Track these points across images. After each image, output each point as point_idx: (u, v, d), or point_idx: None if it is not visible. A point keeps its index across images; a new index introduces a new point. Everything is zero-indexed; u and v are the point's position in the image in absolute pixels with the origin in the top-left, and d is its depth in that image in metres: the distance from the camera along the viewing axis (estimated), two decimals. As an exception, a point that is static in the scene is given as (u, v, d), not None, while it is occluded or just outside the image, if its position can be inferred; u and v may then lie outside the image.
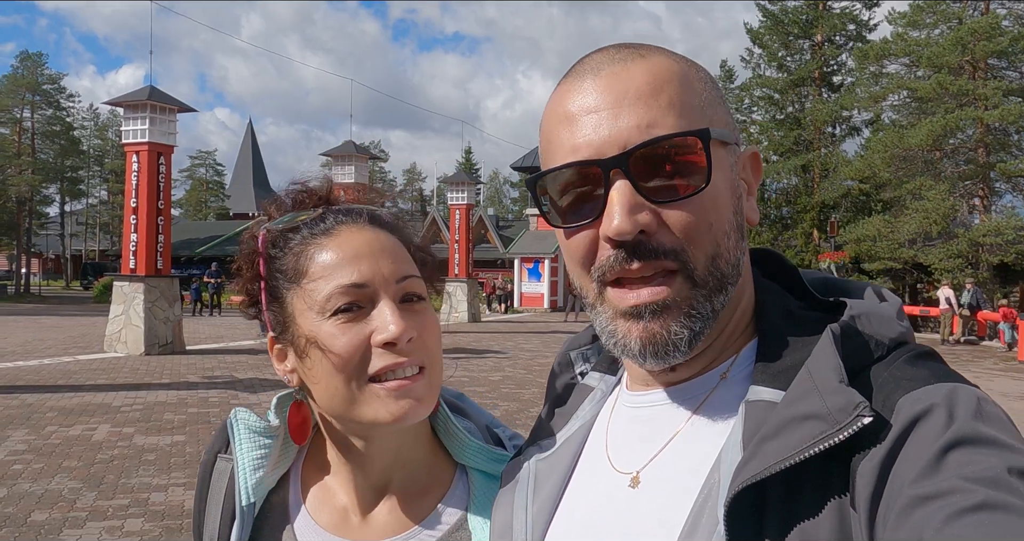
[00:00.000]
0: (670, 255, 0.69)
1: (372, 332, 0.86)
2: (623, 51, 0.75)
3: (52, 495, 5.98)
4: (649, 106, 0.70)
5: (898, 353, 0.70)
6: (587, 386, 0.91)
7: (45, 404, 9.60)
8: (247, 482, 0.95)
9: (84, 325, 22.10)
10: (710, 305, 0.71)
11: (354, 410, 0.88)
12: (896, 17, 27.48)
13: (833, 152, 33.11)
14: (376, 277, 0.88)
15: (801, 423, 0.63)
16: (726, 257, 0.71)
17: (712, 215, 0.70)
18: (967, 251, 23.80)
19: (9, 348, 15.96)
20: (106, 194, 64.03)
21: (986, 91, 24.07)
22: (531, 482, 0.84)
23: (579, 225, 0.72)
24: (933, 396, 0.62)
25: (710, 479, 0.69)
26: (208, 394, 10.57)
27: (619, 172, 0.68)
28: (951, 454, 0.57)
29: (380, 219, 0.95)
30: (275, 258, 0.92)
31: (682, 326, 0.70)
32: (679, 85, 0.72)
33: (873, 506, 0.59)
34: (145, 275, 15.06)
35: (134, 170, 15.43)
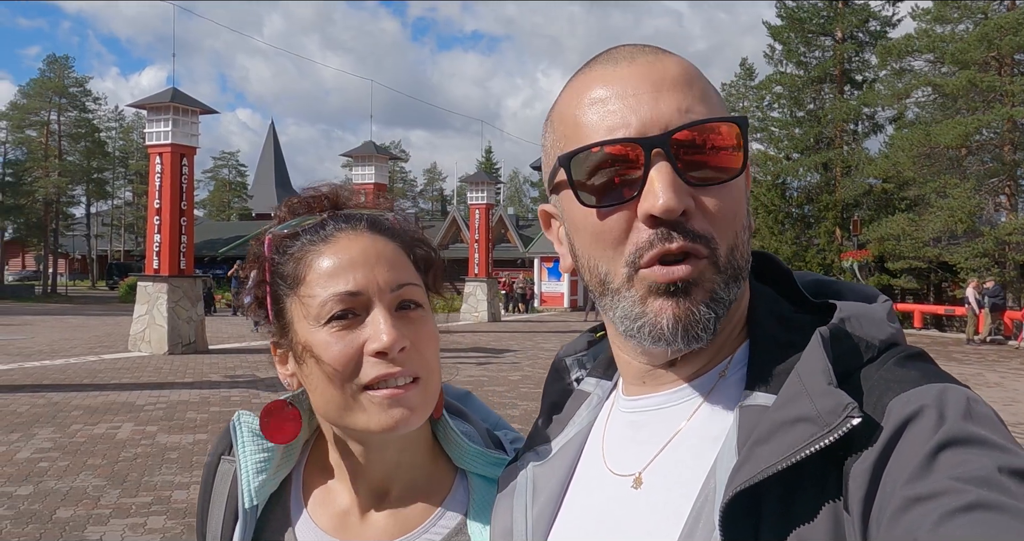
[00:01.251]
0: (701, 240, 0.69)
1: (365, 341, 0.86)
2: (651, 47, 0.76)
3: (77, 492, 6.06)
4: (685, 94, 0.71)
5: (888, 354, 0.69)
6: (583, 392, 0.90)
7: (71, 403, 9.75)
8: (250, 485, 0.96)
9: (109, 325, 22.39)
10: (728, 293, 0.71)
11: (347, 417, 0.88)
12: (920, 13, 27.17)
13: (855, 149, 32.78)
14: (371, 285, 0.88)
15: (792, 426, 0.63)
16: (742, 250, 0.72)
17: (738, 205, 0.72)
18: (993, 250, 23.48)
19: (36, 347, 16.21)
20: (131, 195, 64.87)
21: (1013, 88, 23.73)
22: (530, 487, 0.84)
23: (614, 205, 0.71)
24: (923, 397, 0.62)
25: (707, 484, 0.69)
26: (230, 393, 10.68)
27: (661, 152, 0.68)
28: (942, 455, 0.57)
29: (381, 225, 0.95)
30: (278, 263, 0.93)
31: (708, 308, 0.70)
32: (705, 82, 0.74)
33: (866, 508, 0.59)
34: (168, 275, 15.23)
35: (157, 171, 15.61)
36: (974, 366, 15.96)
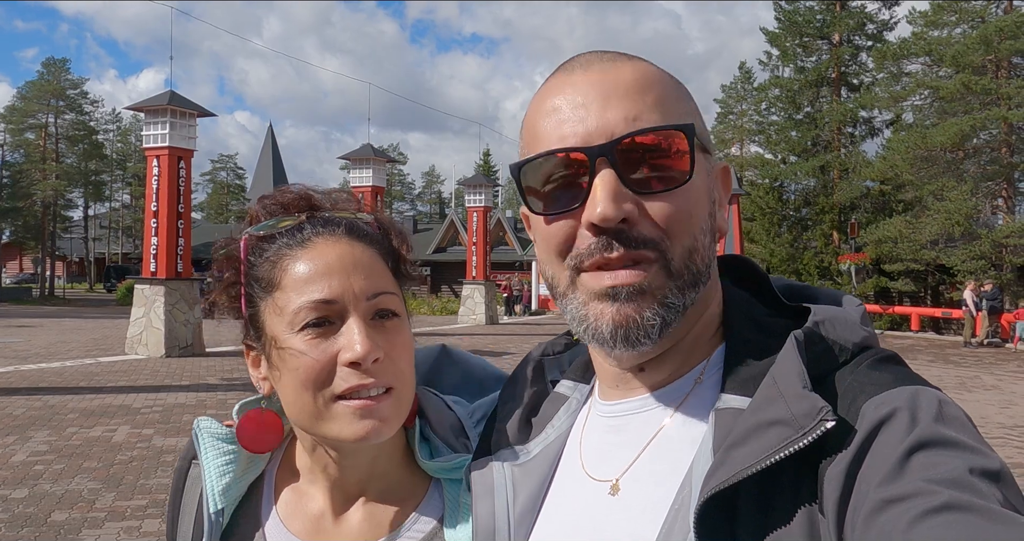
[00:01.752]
0: (649, 244, 0.69)
1: (339, 350, 0.85)
2: (611, 53, 0.76)
3: (72, 495, 6.05)
4: (636, 101, 0.71)
5: (862, 357, 0.70)
6: (561, 395, 0.90)
7: (67, 405, 9.73)
8: (214, 488, 0.95)
9: (106, 327, 22.36)
10: (683, 297, 0.71)
11: (319, 426, 0.87)
12: (916, 16, 27.24)
13: (852, 152, 32.84)
14: (347, 293, 0.86)
15: (767, 429, 0.63)
16: (701, 253, 0.72)
17: (692, 210, 0.71)
18: (990, 252, 23.52)
19: (33, 350, 16.19)
20: (129, 198, 64.78)
21: (1009, 90, 23.80)
22: (510, 488, 0.84)
23: (560, 212, 0.72)
24: (896, 400, 0.62)
25: (683, 487, 0.69)
26: (227, 396, 10.65)
27: (605, 161, 0.69)
28: (915, 457, 0.58)
29: (359, 230, 0.93)
30: (253, 265, 0.92)
31: (655, 313, 0.70)
32: (664, 87, 0.74)
33: (841, 510, 0.60)
34: (165, 278, 15.22)
35: (155, 174, 15.60)
36: (971, 369, 15.97)
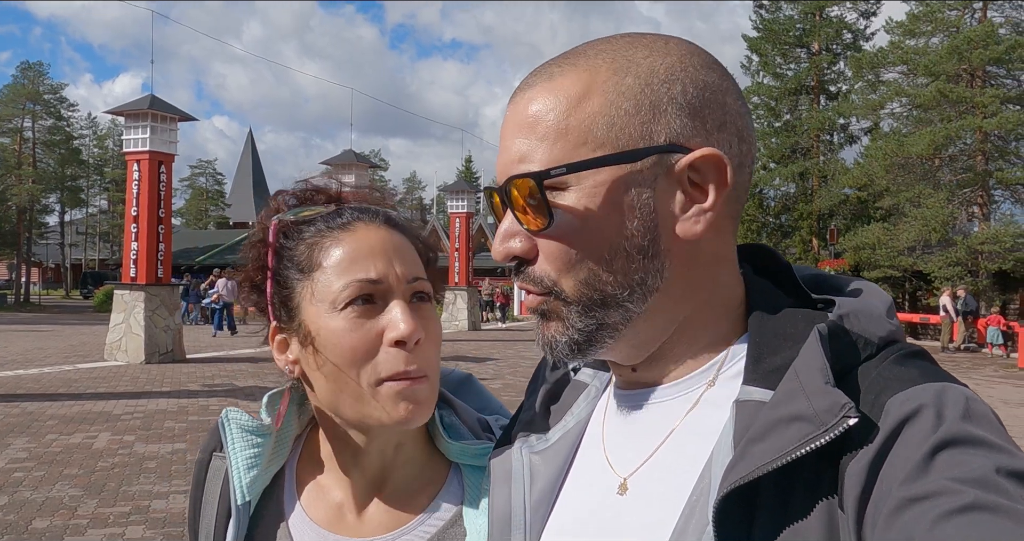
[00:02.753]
0: (537, 283, 0.74)
1: (383, 329, 0.87)
2: (541, 72, 0.75)
3: (53, 503, 5.97)
4: (527, 138, 0.72)
5: (887, 352, 0.69)
6: (581, 382, 0.90)
7: (46, 412, 9.59)
8: (241, 481, 0.96)
9: (84, 334, 22.09)
10: (592, 319, 0.73)
11: (359, 407, 0.88)
12: (893, 26, 27.58)
13: (831, 160, 33.13)
14: (390, 274, 0.89)
15: (788, 425, 0.62)
16: (605, 279, 0.71)
17: (579, 245, 0.71)
18: (966, 259, 23.81)
19: (9, 357, 15.95)
20: (106, 203, 64.05)
21: (984, 99, 24.15)
22: (527, 474, 0.84)
23: None
24: (922, 397, 0.61)
25: (701, 480, 0.68)
26: (208, 402, 10.55)
27: (500, 204, 0.74)
28: (940, 455, 0.57)
29: (394, 220, 0.96)
30: (286, 248, 0.93)
31: (560, 333, 0.74)
32: (557, 115, 0.71)
33: (861, 507, 0.59)
34: (146, 284, 15.07)
35: (135, 179, 15.45)
36: (949, 373, 16.12)
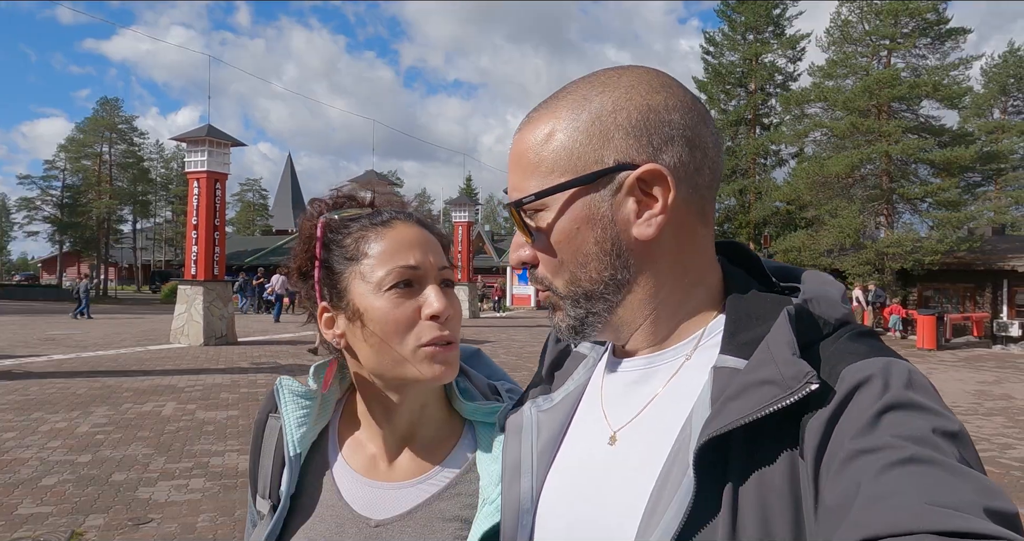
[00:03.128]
0: (540, 283, 0.77)
1: (420, 307, 0.89)
2: (526, 118, 0.77)
3: (129, 460, 5.93)
4: (516, 170, 0.75)
5: (842, 331, 0.69)
6: (580, 354, 0.90)
7: (122, 386, 9.54)
8: (293, 436, 0.96)
9: (153, 322, 21.95)
10: (582, 309, 0.75)
11: (399, 369, 0.89)
12: (815, 69, 27.65)
13: (765, 179, 33.27)
14: (426, 262, 0.90)
15: (759, 387, 0.62)
16: (587, 277, 0.73)
17: (559, 253, 0.74)
18: (874, 259, 23.90)
19: (91, 340, 15.85)
20: (171, 214, 63.55)
21: (889, 129, 24.22)
22: (535, 429, 0.84)
23: None
24: (872, 368, 0.61)
25: (683, 433, 0.68)
26: (256, 377, 10.52)
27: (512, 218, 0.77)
28: (886, 416, 0.57)
29: (422, 220, 0.97)
30: (333, 241, 0.93)
31: (561, 320, 0.77)
32: (530, 154, 0.73)
33: (818, 457, 0.59)
34: (204, 280, 14.98)
35: (195, 194, 15.36)
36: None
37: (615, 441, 0.75)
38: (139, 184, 52.64)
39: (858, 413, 0.58)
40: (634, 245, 0.72)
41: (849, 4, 26.65)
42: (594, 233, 0.72)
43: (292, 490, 0.95)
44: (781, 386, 0.61)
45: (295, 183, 67.79)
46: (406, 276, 0.88)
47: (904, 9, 24.65)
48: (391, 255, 0.89)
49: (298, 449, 0.95)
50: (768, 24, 33.60)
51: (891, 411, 0.57)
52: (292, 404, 0.97)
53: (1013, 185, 40.29)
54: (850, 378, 0.61)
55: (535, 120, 0.75)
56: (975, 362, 15.68)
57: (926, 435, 0.54)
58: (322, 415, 1.00)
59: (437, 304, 0.88)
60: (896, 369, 0.61)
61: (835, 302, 0.71)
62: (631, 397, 0.77)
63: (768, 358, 0.64)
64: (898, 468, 0.52)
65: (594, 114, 0.72)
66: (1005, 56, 42.28)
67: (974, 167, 25.79)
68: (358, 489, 0.95)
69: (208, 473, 5.61)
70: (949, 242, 22.48)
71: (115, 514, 4.67)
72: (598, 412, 0.80)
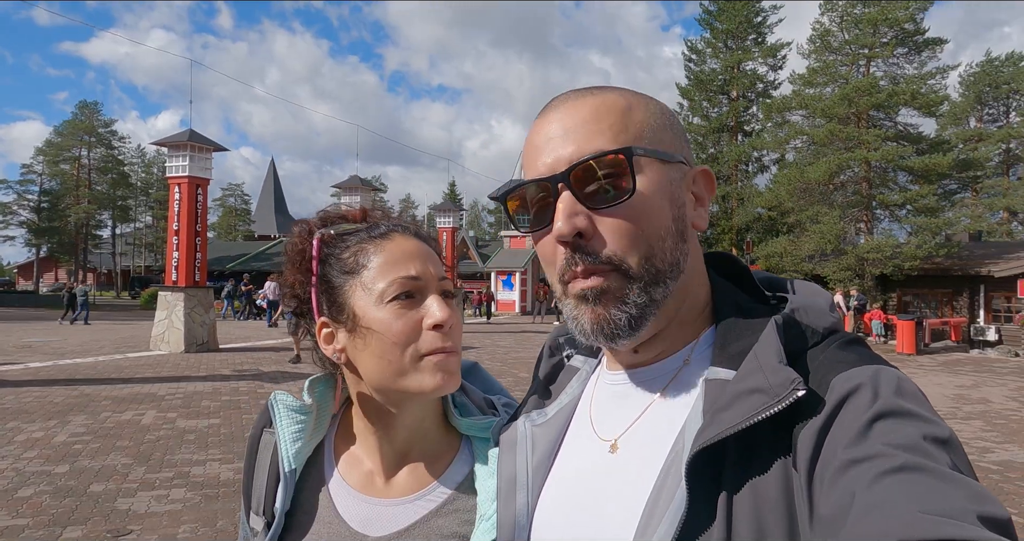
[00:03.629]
0: (602, 259, 0.69)
1: (422, 317, 0.87)
2: (580, 91, 0.75)
3: (108, 470, 5.82)
4: (590, 131, 0.70)
5: (831, 340, 0.69)
6: (573, 367, 0.90)
7: (100, 394, 9.37)
8: (288, 452, 0.94)
9: (132, 328, 21.65)
10: (647, 295, 0.70)
11: (400, 380, 0.88)
12: (796, 77, 28.00)
13: (747, 185, 33.63)
14: (427, 273, 0.90)
15: (749, 396, 0.63)
16: (661, 256, 0.70)
17: (642, 220, 0.69)
18: (855, 265, 24.18)
19: (69, 348, 15.58)
20: (151, 219, 62.96)
21: (868, 137, 24.57)
22: (529, 443, 0.84)
23: (541, 230, 0.73)
24: (861, 376, 0.61)
25: (677, 444, 0.68)
26: (238, 384, 10.40)
27: (564, 185, 0.69)
28: (877, 424, 0.57)
29: (420, 233, 0.97)
30: (331, 256, 0.92)
31: (620, 311, 0.70)
32: (616, 115, 0.71)
33: (811, 467, 0.59)
34: (185, 286, 14.81)
35: (176, 199, 15.19)
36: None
37: (616, 449, 0.75)
38: (119, 189, 52.14)
39: (849, 422, 0.58)
40: (692, 235, 0.74)
41: (830, 13, 27.03)
42: (673, 210, 0.72)
43: (287, 506, 0.94)
44: (769, 394, 0.61)
45: (278, 188, 67.36)
46: (408, 287, 0.88)
47: (883, 19, 25.04)
48: (392, 267, 0.89)
49: (293, 465, 0.94)
50: (749, 32, 34.02)
51: (882, 419, 0.57)
52: (287, 419, 0.96)
53: (989, 192, 41.08)
54: (840, 387, 0.61)
55: (602, 93, 0.73)
56: (953, 366, 15.91)
57: (917, 442, 0.55)
58: (317, 430, 0.99)
59: (440, 314, 0.87)
60: (885, 377, 0.61)
61: (823, 311, 0.72)
62: (626, 409, 0.76)
63: (756, 367, 0.65)
64: (890, 477, 0.52)
65: (658, 107, 0.75)
66: (983, 65, 43.16)
67: (951, 174, 26.15)
68: (354, 505, 0.93)
69: (189, 483, 5.53)
70: (927, 248, 22.80)
71: (93, 526, 4.58)
72: (593, 425, 0.80)
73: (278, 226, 58.49)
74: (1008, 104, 43.46)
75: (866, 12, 25.63)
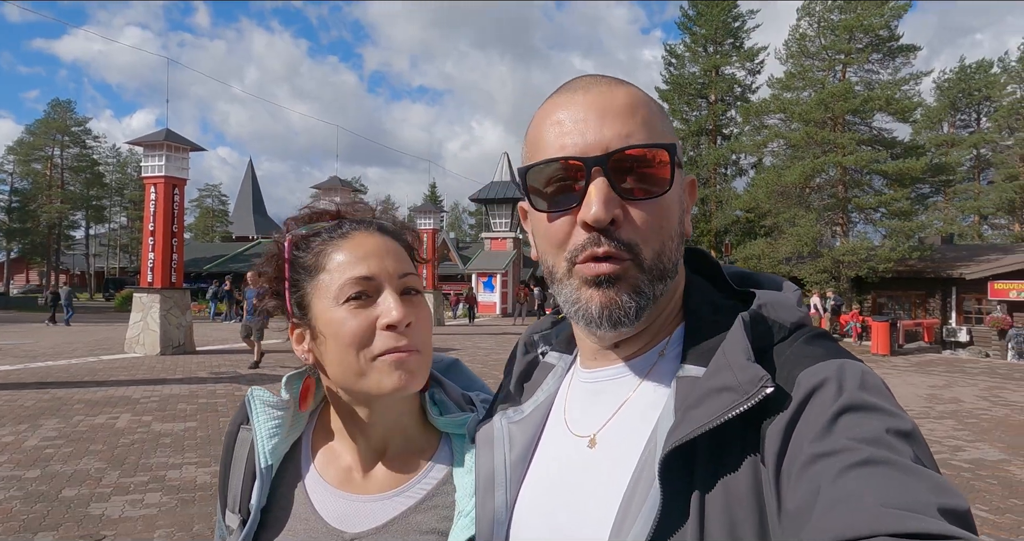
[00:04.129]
0: (626, 247, 0.69)
1: (378, 316, 0.86)
2: (608, 78, 0.75)
3: (80, 474, 5.72)
4: (628, 121, 0.70)
5: (797, 334, 0.70)
6: (549, 364, 0.90)
7: (73, 397, 9.19)
8: (264, 447, 0.94)
9: (106, 330, 21.29)
10: (652, 289, 0.71)
11: (360, 382, 0.87)
12: (774, 82, 28.36)
13: (725, 188, 33.99)
14: (382, 272, 0.88)
15: (718, 394, 0.63)
16: (668, 255, 0.72)
17: (664, 219, 0.71)
18: (831, 267, 24.54)
19: (40, 350, 15.28)
20: (126, 220, 62.02)
21: (843, 141, 24.95)
22: (507, 441, 0.84)
23: (560, 211, 0.71)
24: (826, 371, 0.62)
25: (650, 442, 0.69)
26: (215, 387, 10.26)
27: (600, 170, 0.68)
28: (841, 419, 0.58)
29: (385, 228, 0.95)
30: (298, 257, 0.92)
31: (630, 298, 0.70)
32: (650, 110, 0.72)
33: (779, 462, 0.60)
34: (161, 288, 14.60)
35: (152, 199, 14.99)
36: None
37: (594, 444, 0.75)
38: (93, 188, 51.32)
39: (815, 417, 0.59)
40: (683, 238, 0.75)
41: (808, 19, 27.43)
42: (678, 213, 0.73)
43: (263, 503, 0.93)
44: (738, 392, 0.62)
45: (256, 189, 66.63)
46: (360, 287, 0.86)
47: (859, 25, 25.46)
48: (346, 267, 0.88)
49: (269, 461, 0.93)
50: (727, 36, 34.39)
51: (846, 413, 0.58)
52: (264, 415, 0.95)
53: (960, 196, 41.94)
54: (806, 382, 0.62)
55: (628, 85, 0.74)
56: (926, 367, 16.20)
57: (880, 436, 0.56)
58: (295, 426, 0.98)
59: (394, 314, 0.85)
60: (850, 371, 0.62)
61: (790, 306, 0.72)
62: (602, 405, 0.77)
63: (724, 364, 0.65)
64: (855, 470, 0.53)
65: (664, 112, 0.76)
66: (956, 72, 44.09)
67: (924, 178, 26.64)
68: (332, 502, 0.93)
69: (165, 487, 5.44)
70: (901, 251, 23.21)
71: (66, 531, 4.49)
72: (570, 421, 0.80)
73: (256, 227, 57.84)
74: (980, 110, 44.48)
75: (842, 18, 26.06)
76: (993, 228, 44.26)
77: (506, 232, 35.23)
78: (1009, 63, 42.10)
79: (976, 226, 42.62)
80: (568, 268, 0.72)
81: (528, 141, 0.77)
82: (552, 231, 0.72)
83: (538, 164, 0.72)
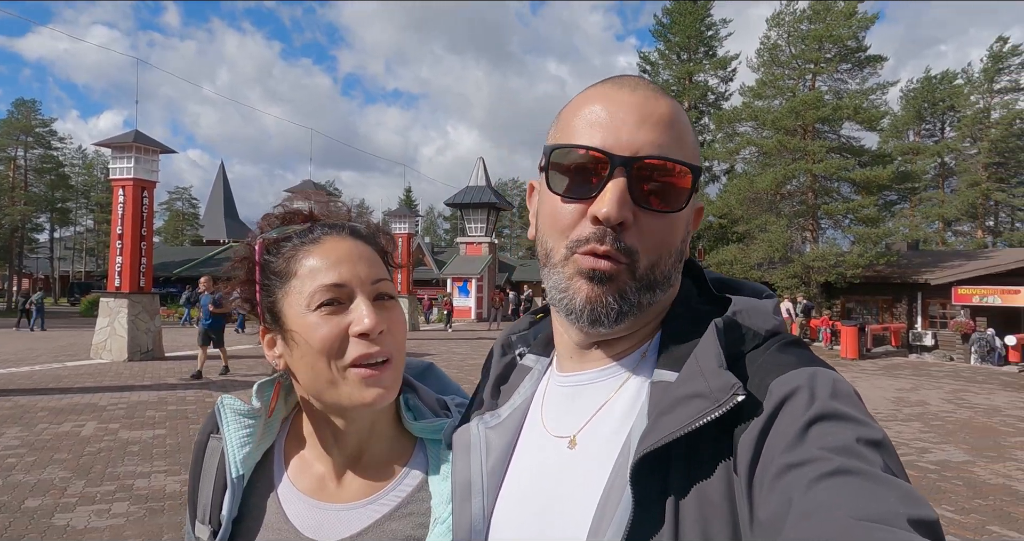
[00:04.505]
0: (625, 252, 0.70)
1: (349, 324, 0.85)
2: (654, 86, 0.75)
3: (44, 484, 5.57)
4: (664, 132, 0.70)
5: (771, 342, 0.70)
6: (526, 366, 0.90)
7: (37, 405, 8.96)
8: (235, 457, 0.92)
9: (72, 336, 20.77)
10: (638, 297, 0.71)
11: (331, 391, 0.86)
12: (746, 90, 28.78)
13: (699, 194, 34.28)
14: (354, 278, 0.87)
15: (689, 401, 0.63)
16: (662, 269, 0.72)
17: (669, 235, 0.71)
18: (801, 272, 24.91)
19: (3, 356, 14.86)
20: (92, 223, 60.61)
21: (813, 148, 25.40)
22: (483, 446, 0.83)
23: (573, 198, 0.71)
24: (798, 379, 0.62)
25: (624, 447, 0.69)
26: (185, 394, 10.09)
27: (623, 170, 0.68)
28: (813, 428, 0.58)
29: (359, 232, 0.94)
30: (269, 262, 0.90)
31: (615, 300, 0.70)
32: (687, 129, 0.73)
33: (751, 471, 0.60)
34: (129, 292, 14.31)
35: (120, 202, 14.70)
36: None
37: (575, 445, 0.75)
38: (57, 190, 50.04)
39: (786, 427, 0.60)
40: (683, 257, 0.76)
41: (778, 29, 27.91)
42: (682, 233, 0.74)
43: (234, 514, 0.91)
44: (709, 399, 0.62)
45: (228, 192, 65.65)
46: (331, 294, 0.85)
47: (828, 35, 25.95)
48: (317, 273, 0.87)
49: (241, 470, 0.92)
50: (700, 45, 34.84)
51: (818, 423, 0.59)
52: (234, 424, 0.94)
53: (926, 203, 42.96)
54: (778, 391, 0.62)
55: (672, 99, 0.74)
56: (893, 370, 16.53)
57: (851, 445, 0.56)
58: (267, 435, 0.97)
59: (367, 321, 0.84)
60: (821, 379, 0.63)
61: (765, 313, 0.73)
62: (581, 406, 0.77)
63: (697, 371, 0.66)
64: (826, 481, 0.53)
65: (693, 130, 0.76)
66: (922, 82, 45.21)
67: (891, 186, 27.18)
68: (305, 511, 0.92)
69: (132, 496, 5.33)
70: (869, 256, 23.64)
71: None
72: (548, 424, 0.80)
73: (228, 230, 56.97)
74: (944, 119, 45.64)
75: (812, 28, 26.54)
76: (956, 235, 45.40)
77: (481, 237, 35.17)
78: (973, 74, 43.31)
79: (940, 232, 43.67)
80: (566, 255, 0.72)
81: (560, 120, 0.77)
82: (560, 215, 0.72)
83: (566, 146, 0.72)
